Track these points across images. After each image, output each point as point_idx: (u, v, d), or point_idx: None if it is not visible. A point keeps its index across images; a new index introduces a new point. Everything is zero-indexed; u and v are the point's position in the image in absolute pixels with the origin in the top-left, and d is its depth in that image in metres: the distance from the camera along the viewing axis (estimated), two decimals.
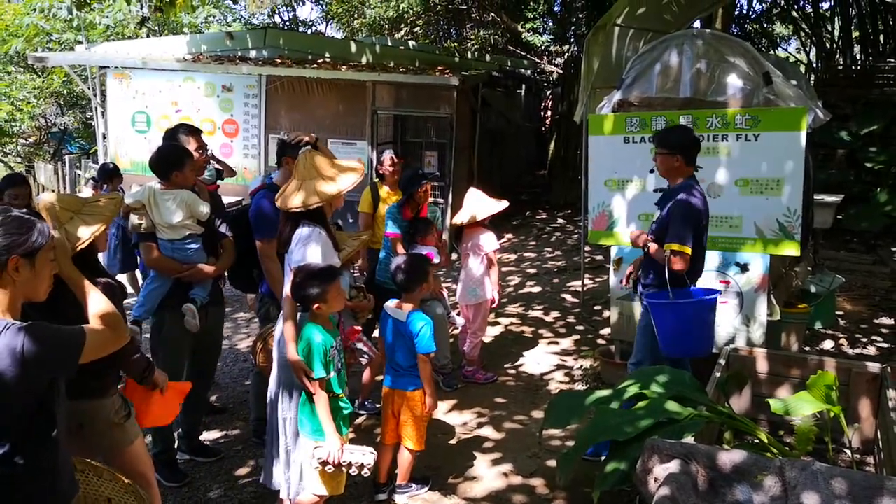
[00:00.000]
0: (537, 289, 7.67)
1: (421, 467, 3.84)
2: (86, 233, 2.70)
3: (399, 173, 5.40)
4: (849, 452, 3.47)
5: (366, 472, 3.08)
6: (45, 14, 13.53)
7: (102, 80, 10.00)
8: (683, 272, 3.56)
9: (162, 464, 3.71)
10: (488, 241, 5.01)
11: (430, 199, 5.08)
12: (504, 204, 5.08)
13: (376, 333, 4.28)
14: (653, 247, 3.65)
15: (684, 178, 3.66)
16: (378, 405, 4.26)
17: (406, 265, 3.57)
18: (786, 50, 19.21)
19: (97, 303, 2.22)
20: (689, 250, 3.51)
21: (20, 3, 14.77)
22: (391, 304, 3.62)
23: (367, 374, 4.61)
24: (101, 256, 4.13)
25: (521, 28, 13.67)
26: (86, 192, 8.05)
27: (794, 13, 14.02)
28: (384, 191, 5.41)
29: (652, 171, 3.98)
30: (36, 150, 15.93)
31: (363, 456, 3.06)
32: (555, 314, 6.70)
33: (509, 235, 10.30)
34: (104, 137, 10.04)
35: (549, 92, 18.06)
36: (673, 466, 2.51)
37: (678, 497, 2.37)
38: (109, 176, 6.90)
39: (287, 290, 3.18)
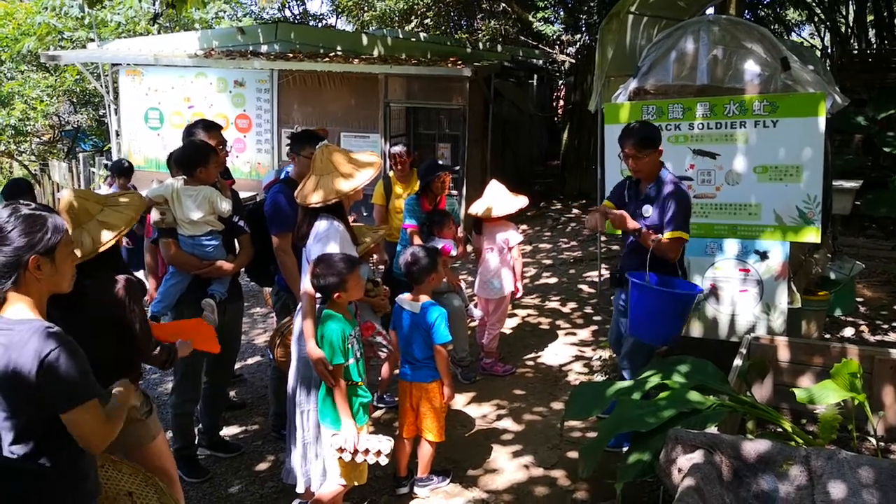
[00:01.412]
0: (553, 280, 7.64)
1: (441, 460, 3.85)
2: (107, 236, 2.72)
3: (407, 168, 5.41)
4: (873, 440, 3.43)
5: (383, 460, 3.08)
6: (57, 12, 13.56)
7: (115, 78, 10.05)
8: (676, 260, 3.69)
9: (182, 460, 3.73)
10: (513, 237, 4.98)
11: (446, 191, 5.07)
12: (523, 201, 5.01)
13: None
14: (648, 234, 3.64)
15: (660, 170, 3.74)
16: (396, 398, 4.27)
17: (412, 257, 3.58)
18: (800, 35, 18.97)
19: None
20: (687, 237, 3.66)
21: (32, 1, 14.84)
22: (405, 297, 3.62)
23: (385, 369, 4.61)
24: None
25: (532, 18, 13.59)
26: (104, 189, 8.13)
27: None
28: (397, 184, 5.43)
29: (629, 177, 3.95)
30: (50, 148, 16.03)
31: (380, 443, 3.07)
32: (572, 305, 6.68)
33: (524, 227, 10.27)
34: (117, 135, 10.09)
35: (561, 81, 17.95)
36: (697, 457, 2.49)
37: (703, 487, 2.35)
38: (122, 172, 6.98)
39: (305, 284, 3.19)
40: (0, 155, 15.20)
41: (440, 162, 5.07)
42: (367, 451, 3.05)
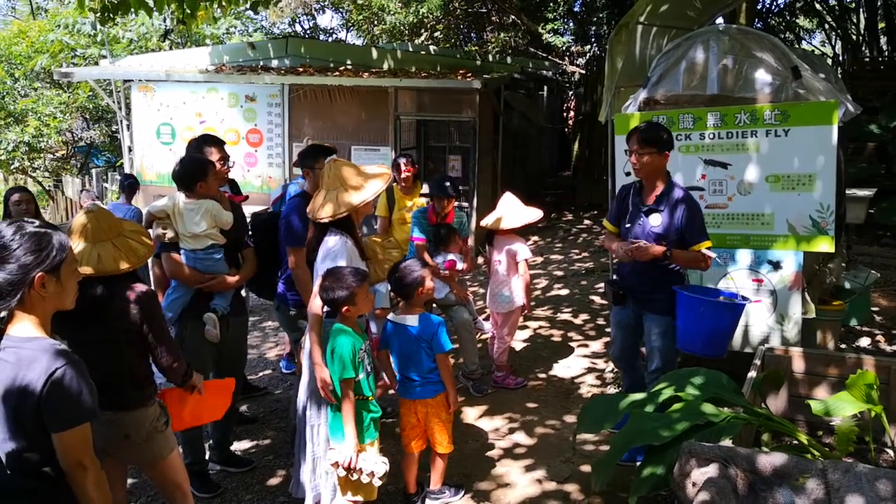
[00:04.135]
0: (565, 291, 7.61)
1: (453, 474, 3.82)
2: (124, 265, 2.75)
3: (411, 180, 5.43)
4: (891, 452, 3.37)
5: (376, 482, 3.09)
6: (70, 30, 13.73)
7: (127, 94, 10.14)
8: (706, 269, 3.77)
9: (194, 475, 3.71)
10: (521, 250, 4.94)
11: (455, 203, 5.06)
12: (537, 214, 4.99)
13: None
14: (679, 253, 3.60)
15: (666, 178, 3.72)
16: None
17: (400, 273, 3.51)
18: (810, 43, 18.91)
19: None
20: (711, 242, 3.67)
21: (45, 19, 15.04)
22: (400, 313, 3.55)
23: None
24: None
25: (541, 29, 13.60)
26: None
27: (818, 6, 13.80)
28: (402, 197, 5.44)
29: (629, 173, 3.97)
30: (63, 164, 16.20)
31: (375, 465, 3.07)
32: (584, 316, 6.64)
33: (535, 238, 10.25)
34: (130, 150, 10.17)
35: (571, 92, 17.97)
36: (711, 470, 2.46)
37: (718, 501, 2.32)
38: (131, 187, 7.29)
39: (312, 305, 3.20)
40: (14, 171, 15.36)
41: (450, 181, 4.97)
42: (360, 471, 3.04)
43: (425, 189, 5.76)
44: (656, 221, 3.69)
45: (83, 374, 1.97)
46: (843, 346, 5.14)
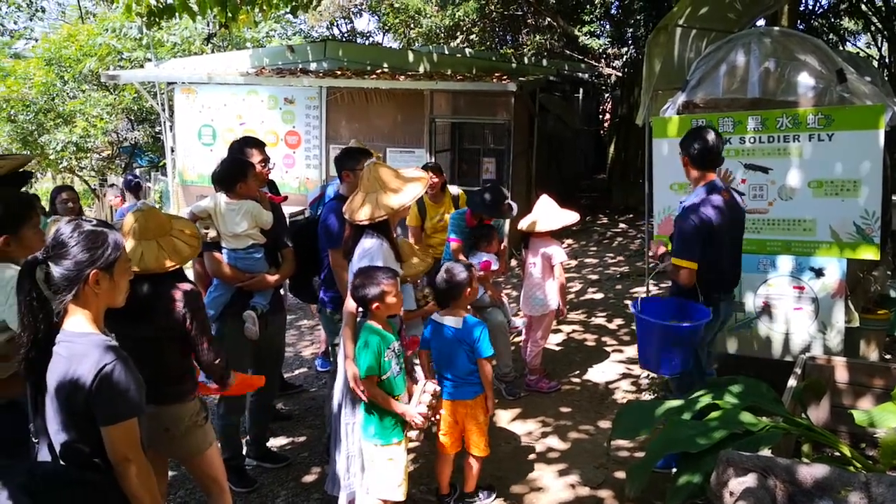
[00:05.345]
0: (599, 295, 7.55)
1: (486, 476, 3.82)
2: (167, 265, 2.83)
3: (437, 188, 5.43)
4: None
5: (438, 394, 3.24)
6: (117, 34, 14.08)
7: (170, 96, 10.36)
8: (690, 286, 3.51)
9: (231, 470, 3.78)
10: (557, 253, 4.92)
11: None
12: (572, 217, 4.96)
13: None
14: (665, 260, 3.64)
15: (702, 185, 3.61)
16: None
17: (448, 273, 3.52)
18: (855, 45, 18.44)
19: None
20: (692, 265, 3.46)
21: (93, 23, 15.44)
22: (443, 313, 3.58)
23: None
24: None
25: (577, 32, 13.53)
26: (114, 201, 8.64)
27: (864, 7, 13.44)
28: (429, 204, 5.44)
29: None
30: (108, 164, 16.57)
31: (424, 394, 3.17)
32: (618, 321, 6.58)
33: (570, 241, 10.20)
34: (172, 151, 10.39)
35: (607, 95, 17.84)
36: (750, 480, 2.42)
37: None
38: (137, 186, 7.77)
39: (348, 303, 3.23)
40: (62, 170, 15.80)
41: (499, 197, 4.93)
42: (428, 409, 3.14)
43: (454, 190, 5.74)
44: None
45: (132, 370, 2.02)
46: (887, 356, 5.01)
